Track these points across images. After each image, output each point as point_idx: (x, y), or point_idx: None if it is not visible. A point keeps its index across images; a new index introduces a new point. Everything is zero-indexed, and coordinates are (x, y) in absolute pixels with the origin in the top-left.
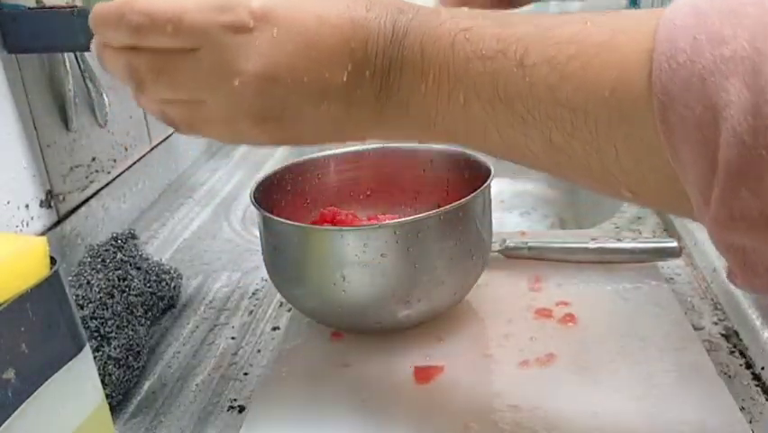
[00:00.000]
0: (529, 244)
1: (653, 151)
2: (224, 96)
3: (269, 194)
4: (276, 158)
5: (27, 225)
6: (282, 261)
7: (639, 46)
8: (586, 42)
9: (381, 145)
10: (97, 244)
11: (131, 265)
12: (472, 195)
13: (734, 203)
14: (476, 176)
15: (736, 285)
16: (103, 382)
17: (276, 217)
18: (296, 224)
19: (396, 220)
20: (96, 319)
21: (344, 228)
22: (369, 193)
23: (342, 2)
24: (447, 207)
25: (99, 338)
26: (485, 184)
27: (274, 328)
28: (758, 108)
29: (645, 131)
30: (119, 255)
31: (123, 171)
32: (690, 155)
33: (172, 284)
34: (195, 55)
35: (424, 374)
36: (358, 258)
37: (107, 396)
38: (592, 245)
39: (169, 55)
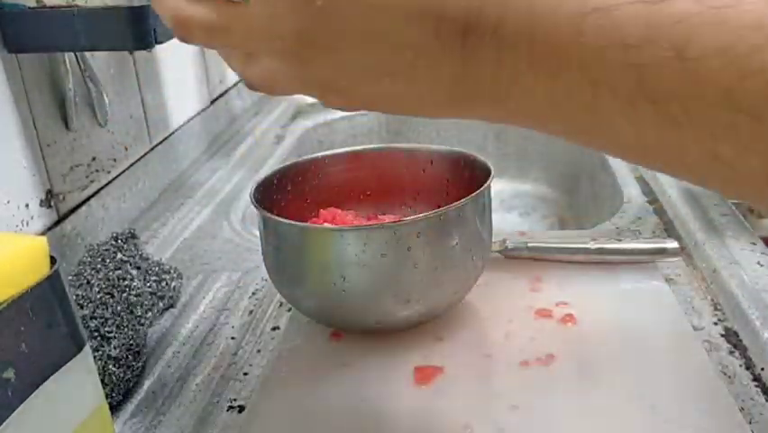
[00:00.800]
0: (529, 244)
1: None
2: (274, 57)
3: (269, 194)
4: (276, 158)
5: (27, 224)
6: (282, 261)
7: None
8: None
9: (381, 145)
10: (97, 244)
11: (131, 265)
12: (473, 195)
13: None
14: (476, 176)
15: None
16: (103, 381)
17: (276, 217)
18: (296, 223)
19: (396, 220)
20: (95, 319)
21: (344, 228)
22: (369, 193)
23: None
24: (447, 207)
25: (99, 338)
26: (485, 184)
27: (274, 328)
28: None
29: None
30: (119, 255)
31: (124, 171)
32: None
33: (172, 284)
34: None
35: (423, 375)
36: (358, 258)
37: (107, 396)
38: (592, 245)
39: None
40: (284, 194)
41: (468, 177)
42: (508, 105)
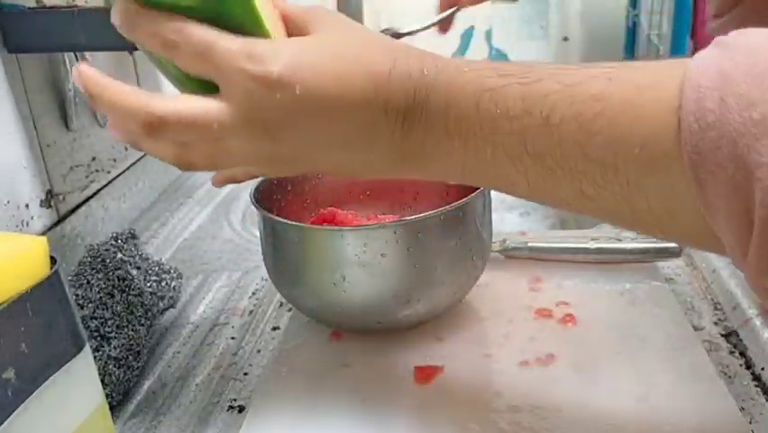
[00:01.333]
0: (529, 244)
1: (684, 200)
2: (242, 141)
3: (269, 194)
4: None
5: (27, 224)
6: (282, 261)
7: (665, 104)
8: (612, 100)
9: None
10: (97, 244)
11: (131, 265)
12: (473, 195)
13: None
14: None
15: None
16: (103, 381)
17: (276, 217)
18: (296, 223)
19: (396, 220)
20: (96, 319)
21: (344, 228)
22: (368, 193)
23: (365, 62)
24: (447, 206)
25: (99, 338)
26: None
27: (274, 328)
28: None
29: (677, 182)
30: (119, 255)
31: (123, 171)
32: (724, 209)
33: (172, 284)
34: (220, 97)
35: (423, 374)
36: (358, 258)
37: (107, 396)
38: (592, 245)
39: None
40: (284, 194)
41: None
42: (434, 167)
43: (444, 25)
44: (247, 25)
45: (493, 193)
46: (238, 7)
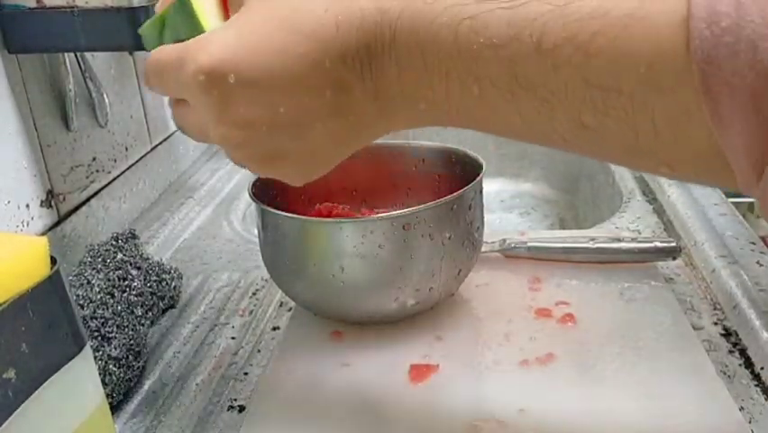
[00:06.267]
0: (529, 244)
1: (694, 124)
2: (221, 145)
3: (267, 190)
4: None
5: (27, 224)
6: (281, 254)
7: (672, 14)
8: (611, 15)
9: (373, 142)
10: (98, 244)
11: (131, 265)
12: (468, 186)
13: None
14: (468, 171)
15: None
16: (103, 381)
17: (275, 211)
18: (295, 216)
19: (393, 212)
20: (96, 319)
21: (343, 220)
22: (362, 190)
23: (305, 29)
24: (443, 198)
25: (99, 338)
26: (478, 177)
27: (274, 328)
28: None
29: (686, 103)
30: (119, 255)
31: (124, 171)
32: (739, 126)
33: (172, 284)
34: (187, 104)
35: (418, 373)
36: (356, 250)
37: (107, 396)
38: (592, 245)
39: (177, 103)
40: (280, 189)
41: (460, 172)
42: (419, 108)
43: None
44: (193, 31)
45: (492, 194)
46: (179, 16)
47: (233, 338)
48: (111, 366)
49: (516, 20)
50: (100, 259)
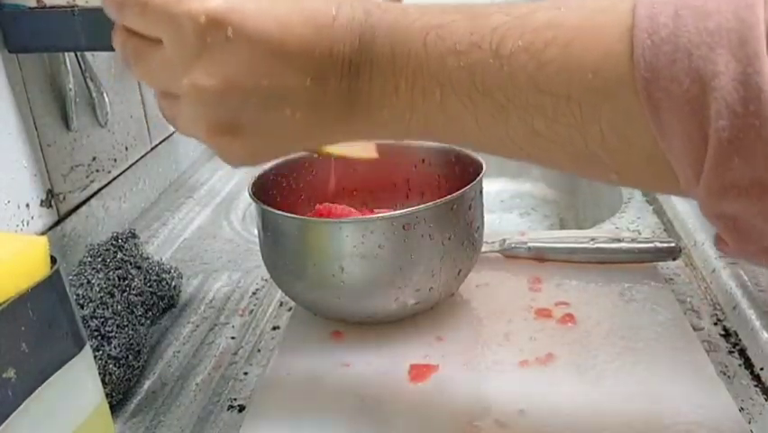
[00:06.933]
0: (529, 244)
1: (638, 129)
2: (184, 96)
3: (266, 190)
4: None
5: (27, 224)
6: (281, 254)
7: (618, 25)
8: (563, 26)
9: (374, 143)
10: (98, 244)
11: (131, 265)
12: (468, 186)
13: (726, 173)
14: (468, 171)
15: (726, 253)
16: (103, 381)
17: (275, 210)
18: (295, 216)
19: (393, 212)
20: (96, 319)
21: (343, 220)
22: (361, 190)
23: (307, 8)
24: (443, 198)
25: (99, 338)
26: (478, 177)
27: (274, 328)
28: (747, 78)
29: (630, 109)
30: (119, 255)
31: (124, 171)
32: (678, 128)
33: (172, 284)
34: (160, 47)
35: (418, 372)
36: (356, 249)
37: (107, 395)
38: (592, 245)
39: (145, 42)
40: (280, 190)
41: (459, 172)
42: (381, 116)
43: None
44: None
45: (492, 194)
46: None
47: (232, 338)
48: (111, 366)
49: (478, 28)
50: (100, 259)
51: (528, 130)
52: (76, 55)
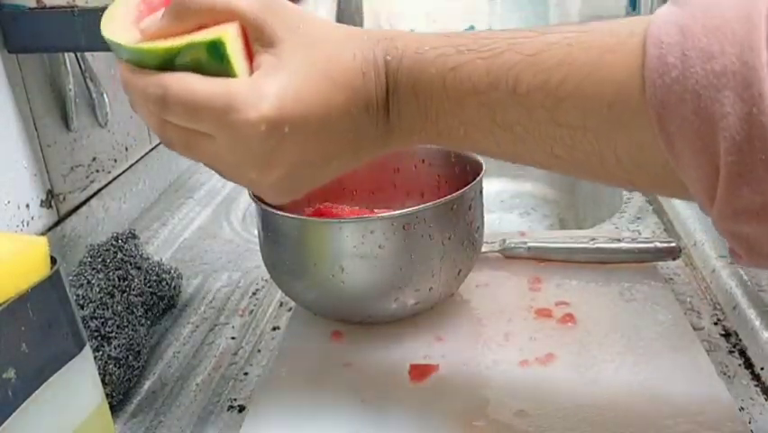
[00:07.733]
0: (529, 244)
1: (652, 152)
2: (249, 183)
3: None
4: None
5: (27, 224)
6: (281, 254)
7: (629, 63)
8: (575, 64)
9: None
10: (98, 244)
11: (131, 265)
12: (468, 187)
13: (737, 201)
14: (467, 172)
15: (740, 263)
16: (103, 381)
17: (275, 211)
18: (295, 216)
19: (393, 212)
20: (96, 319)
21: (343, 220)
22: (361, 190)
23: (341, 78)
24: (443, 198)
25: (99, 338)
26: (478, 177)
27: (274, 328)
28: (753, 118)
29: (645, 137)
30: (119, 255)
31: (124, 171)
32: (691, 159)
33: (172, 284)
34: (212, 139)
35: (418, 372)
36: (356, 250)
37: (107, 396)
38: (592, 245)
39: (192, 133)
40: None
41: (459, 172)
42: (412, 140)
43: None
44: (221, 71)
45: (492, 194)
46: (206, 55)
47: (232, 338)
48: (111, 366)
49: (494, 69)
50: (100, 259)
51: (548, 155)
52: (76, 55)
